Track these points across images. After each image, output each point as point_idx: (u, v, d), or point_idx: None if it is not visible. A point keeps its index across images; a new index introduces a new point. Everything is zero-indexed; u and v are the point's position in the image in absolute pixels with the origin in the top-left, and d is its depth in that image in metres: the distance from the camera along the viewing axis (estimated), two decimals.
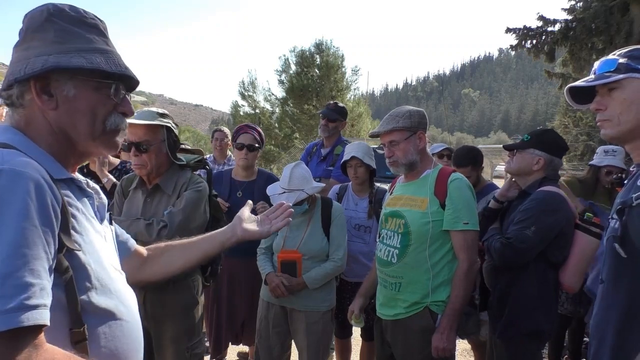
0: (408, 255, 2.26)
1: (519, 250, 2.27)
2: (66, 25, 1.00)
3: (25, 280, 0.78)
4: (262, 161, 18.45)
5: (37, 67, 0.95)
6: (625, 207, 1.28)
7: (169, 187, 2.33)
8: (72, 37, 1.00)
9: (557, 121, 18.51)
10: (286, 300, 2.71)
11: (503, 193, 2.61)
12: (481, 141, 69.57)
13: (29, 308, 0.77)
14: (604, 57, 1.43)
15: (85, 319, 0.93)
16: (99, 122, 1.02)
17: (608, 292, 1.37)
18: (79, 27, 1.01)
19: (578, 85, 1.43)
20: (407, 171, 2.36)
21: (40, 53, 0.97)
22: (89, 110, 1.01)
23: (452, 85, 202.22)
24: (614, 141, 1.44)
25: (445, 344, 2.15)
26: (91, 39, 1.02)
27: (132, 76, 1.05)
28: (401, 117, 2.29)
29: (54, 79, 0.97)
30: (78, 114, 1.00)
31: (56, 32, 0.99)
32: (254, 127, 3.37)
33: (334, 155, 3.74)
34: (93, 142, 1.04)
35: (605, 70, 1.37)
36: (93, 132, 1.02)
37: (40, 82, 0.97)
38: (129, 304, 1.07)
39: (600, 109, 1.39)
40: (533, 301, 2.30)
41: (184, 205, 2.25)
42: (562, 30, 11.30)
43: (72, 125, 1.00)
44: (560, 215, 2.28)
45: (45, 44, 0.98)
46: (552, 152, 2.42)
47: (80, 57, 0.97)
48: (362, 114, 20.56)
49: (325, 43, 21.19)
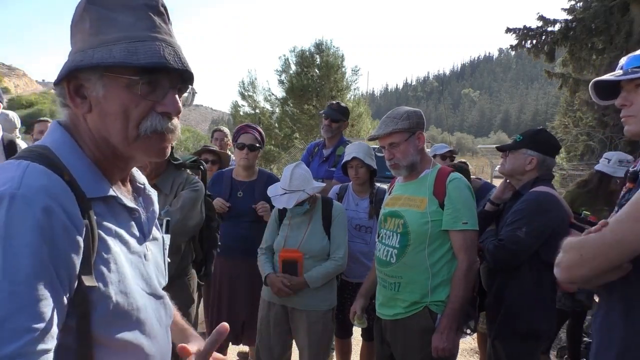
0: (407, 255, 2.26)
1: (511, 252, 2.28)
2: (103, 12, 0.85)
3: (25, 325, 0.70)
4: (262, 161, 18.45)
5: (65, 69, 0.85)
6: None
7: (167, 186, 2.35)
8: (106, 25, 0.85)
9: (557, 121, 18.48)
10: (287, 300, 2.72)
11: (498, 195, 2.61)
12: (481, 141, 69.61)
13: (25, 356, 0.69)
14: (610, 56, 1.42)
15: (97, 350, 0.83)
16: (132, 126, 0.87)
17: (604, 297, 1.37)
18: (118, 12, 0.85)
19: (604, 80, 1.42)
20: (408, 173, 2.37)
21: (78, 48, 0.86)
22: (120, 111, 0.86)
23: (452, 85, 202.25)
24: (637, 138, 1.43)
25: (445, 344, 2.16)
26: (129, 25, 0.85)
27: (176, 67, 0.85)
28: (399, 119, 2.29)
29: (85, 78, 0.85)
30: (109, 117, 0.87)
31: (91, 22, 0.85)
32: (254, 127, 3.37)
33: (336, 156, 3.72)
34: (129, 148, 0.90)
35: (633, 66, 1.36)
36: (127, 137, 0.88)
37: (73, 82, 0.86)
38: (155, 334, 0.94)
39: (625, 104, 1.38)
40: (528, 301, 2.31)
41: (182, 205, 2.26)
42: (562, 30, 11.31)
43: (106, 130, 0.88)
44: (552, 215, 2.28)
45: (83, 38, 0.86)
46: (545, 152, 2.43)
47: (103, 51, 0.83)
48: (362, 114, 20.55)
49: (325, 43, 21.19)
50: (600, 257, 1.23)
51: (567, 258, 1.30)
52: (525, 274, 2.32)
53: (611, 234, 1.21)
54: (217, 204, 3.03)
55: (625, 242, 1.19)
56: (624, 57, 1.42)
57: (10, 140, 3.10)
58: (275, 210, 2.89)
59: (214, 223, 2.77)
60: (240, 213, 3.17)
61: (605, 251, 1.22)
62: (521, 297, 2.31)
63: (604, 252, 1.22)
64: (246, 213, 3.16)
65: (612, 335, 1.32)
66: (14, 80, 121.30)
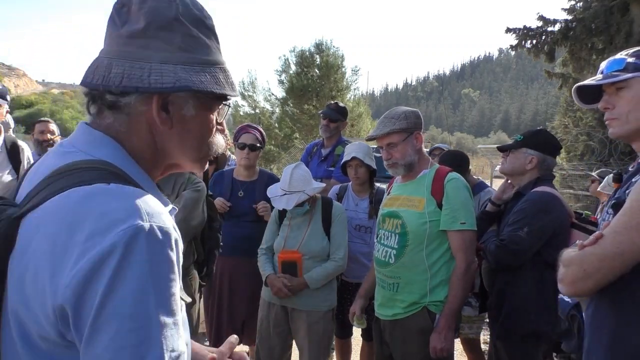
0: (405, 256, 2.27)
1: (513, 252, 2.28)
2: (191, 28, 0.83)
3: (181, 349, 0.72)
4: (262, 161, 18.44)
5: (168, 84, 0.80)
6: (620, 202, 1.31)
7: (168, 187, 2.36)
8: (196, 44, 0.84)
9: (557, 121, 18.44)
10: (287, 300, 2.72)
11: (499, 195, 2.62)
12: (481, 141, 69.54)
13: None
14: (610, 56, 1.45)
15: None
16: (206, 145, 0.90)
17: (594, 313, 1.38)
18: (200, 30, 0.85)
19: (586, 85, 1.45)
20: (405, 172, 2.37)
21: (165, 59, 0.81)
22: (200, 131, 0.88)
23: (452, 85, 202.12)
24: (621, 139, 1.46)
25: (444, 344, 2.17)
26: (211, 48, 0.86)
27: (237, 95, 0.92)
28: (397, 119, 2.30)
29: (176, 95, 0.83)
30: (189, 135, 0.86)
31: (183, 36, 0.82)
32: (255, 127, 3.38)
33: (335, 156, 3.74)
34: (192, 164, 0.92)
35: (613, 70, 1.39)
36: (199, 155, 0.90)
37: (163, 96, 0.82)
38: None
39: (608, 107, 1.40)
40: (530, 302, 2.31)
41: (183, 205, 2.27)
42: (562, 30, 11.31)
43: (181, 146, 0.87)
44: (554, 215, 2.29)
45: (172, 50, 0.81)
46: (545, 151, 2.44)
47: (206, 75, 0.83)
48: (362, 114, 20.54)
49: (325, 43, 21.16)
50: (604, 270, 1.24)
51: (571, 273, 1.31)
52: (526, 273, 2.32)
53: (611, 247, 1.22)
54: (217, 204, 3.04)
55: (626, 254, 1.20)
56: (604, 62, 1.45)
57: (12, 142, 3.09)
58: (275, 211, 2.90)
59: (216, 223, 2.77)
60: (241, 213, 3.18)
61: (608, 264, 1.23)
62: (523, 297, 2.32)
63: (607, 264, 1.23)
64: (247, 213, 3.17)
65: (602, 328, 1.34)
66: (14, 80, 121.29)
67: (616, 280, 1.25)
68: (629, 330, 1.27)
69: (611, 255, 1.22)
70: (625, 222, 1.21)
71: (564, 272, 1.33)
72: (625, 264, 1.21)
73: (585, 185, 8.96)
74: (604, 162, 9.72)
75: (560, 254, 1.39)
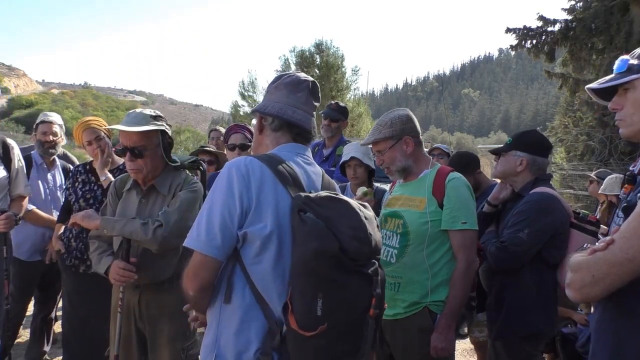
0: (407, 256, 2.26)
1: (514, 253, 2.28)
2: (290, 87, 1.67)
3: None
4: None
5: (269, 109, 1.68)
6: (631, 205, 1.29)
7: (164, 187, 2.35)
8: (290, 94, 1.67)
9: (557, 121, 18.41)
10: None
11: (495, 196, 2.62)
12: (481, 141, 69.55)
13: None
14: (610, 56, 1.44)
15: None
16: None
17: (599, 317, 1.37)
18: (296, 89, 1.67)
19: (593, 88, 1.45)
20: (401, 176, 2.39)
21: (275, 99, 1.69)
22: None
23: (452, 85, 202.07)
24: (630, 140, 1.45)
25: (444, 344, 2.16)
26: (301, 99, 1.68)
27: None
28: (383, 127, 2.33)
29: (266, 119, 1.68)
30: None
31: (287, 91, 1.67)
32: (244, 126, 3.42)
33: (336, 156, 3.73)
34: None
35: (619, 71, 1.38)
36: None
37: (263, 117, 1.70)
38: None
39: (616, 108, 1.40)
40: (529, 302, 2.31)
41: (179, 205, 2.26)
42: (562, 30, 11.32)
43: None
44: (554, 216, 2.29)
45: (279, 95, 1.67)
46: (535, 152, 2.45)
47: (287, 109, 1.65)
48: (362, 114, 20.57)
49: (325, 43, 21.21)
50: (613, 276, 1.21)
51: (579, 278, 1.28)
52: (526, 274, 2.32)
53: (621, 253, 1.19)
54: None
55: (636, 260, 1.17)
56: (618, 59, 1.43)
57: (2, 141, 3.07)
58: None
59: None
60: None
61: (617, 270, 1.20)
62: (522, 297, 2.32)
63: (616, 271, 1.20)
64: None
65: (606, 334, 1.32)
66: (14, 80, 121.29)
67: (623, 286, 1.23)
68: (634, 336, 1.25)
69: (620, 261, 1.19)
70: (636, 227, 1.18)
71: (572, 278, 1.30)
72: (635, 270, 1.18)
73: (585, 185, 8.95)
74: (604, 162, 9.72)
75: (568, 257, 1.37)
